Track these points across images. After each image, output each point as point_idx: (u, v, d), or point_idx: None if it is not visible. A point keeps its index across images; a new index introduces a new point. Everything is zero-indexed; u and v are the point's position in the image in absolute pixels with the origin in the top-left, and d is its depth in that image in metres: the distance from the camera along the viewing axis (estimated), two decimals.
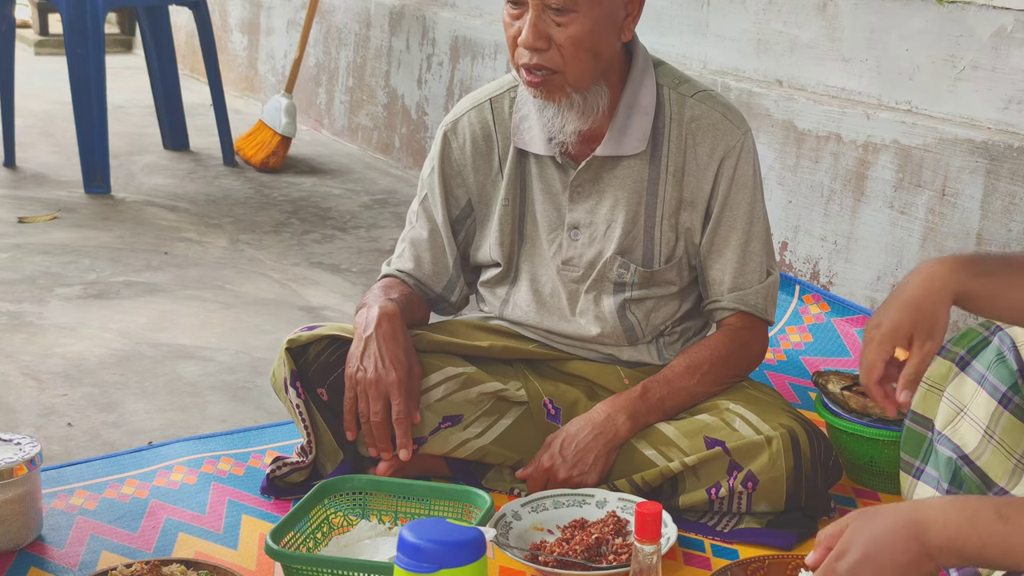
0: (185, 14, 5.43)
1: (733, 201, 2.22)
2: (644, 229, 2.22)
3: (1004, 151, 2.70)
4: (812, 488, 2.07)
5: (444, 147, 2.31)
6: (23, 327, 3.12)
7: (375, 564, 1.83)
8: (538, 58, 2.07)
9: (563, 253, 2.25)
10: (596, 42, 2.08)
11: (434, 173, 2.32)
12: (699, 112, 2.20)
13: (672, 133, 2.20)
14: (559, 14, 2.05)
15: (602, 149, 2.19)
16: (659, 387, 2.20)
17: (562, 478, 2.14)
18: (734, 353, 2.24)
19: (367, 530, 2.00)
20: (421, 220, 2.33)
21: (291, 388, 2.15)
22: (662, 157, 2.20)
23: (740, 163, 2.20)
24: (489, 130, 2.28)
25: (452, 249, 2.32)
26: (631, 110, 2.18)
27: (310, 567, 1.83)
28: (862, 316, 2.91)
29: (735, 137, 2.20)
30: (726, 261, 2.23)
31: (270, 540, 1.84)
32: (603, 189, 2.21)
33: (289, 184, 4.72)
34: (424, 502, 2.04)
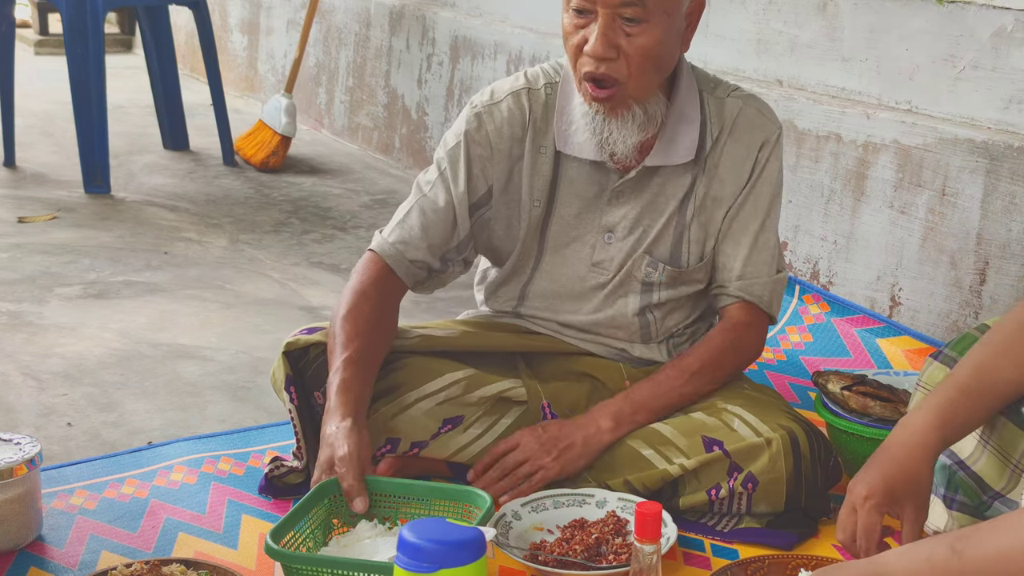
0: (185, 14, 5.43)
1: (759, 190, 2.23)
2: (675, 229, 2.22)
3: (1004, 151, 2.70)
4: (812, 489, 2.07)
5: (477, 126, 2.23)
6: (23, 327, 3.12)
7: (375, 564, 1.83)
8: (605, 67, 2.05)
9: (595, 255, 2.24)
10: (662, 53, 2.08)
11: (459, 148, 2.23)
12: (737, 111, 2.22)
13: (712, 135, 2.21)
14: (630, 24, 2.03)
15: (651, 159, 2.18)
16: (645, 388, 2.19)
17: (531, 448, 2.13)
18: (727, 354, 2.23)
19: (367, 530, 1.99)
20: (438, 191, 2.24)
21: (285, 393, 2.15)
22: (702, 160, 2.21)
23: (772, 156, 2.23)
24: (524, 121, 2.23)
25: (465, 226, 2.24)
26: (679, 120, 2.18)
27: (310, 567, 1.83)
28: (862, 316, 2.91)
29: (771, 131, 2.23)
30: (739, 247, 2.23)
31: (270, 540, 1.83)
32: (644, 194, 2.21)
33: (289, 184, 4.72)
34: (424, 502, 2.03)
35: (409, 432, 2.15)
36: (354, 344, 2.09)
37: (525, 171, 2.24)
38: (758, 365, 2.84)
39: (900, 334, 2.82)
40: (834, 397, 2.29)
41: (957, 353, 2.00)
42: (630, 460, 2.13)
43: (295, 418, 2.15)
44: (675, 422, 2.15)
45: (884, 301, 3.00)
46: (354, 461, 1.96)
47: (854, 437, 2.25)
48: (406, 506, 2.03)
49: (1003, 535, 1.38)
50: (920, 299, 2.91)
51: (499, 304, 2.35)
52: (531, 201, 2.25)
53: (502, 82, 2.29)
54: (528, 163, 2.24)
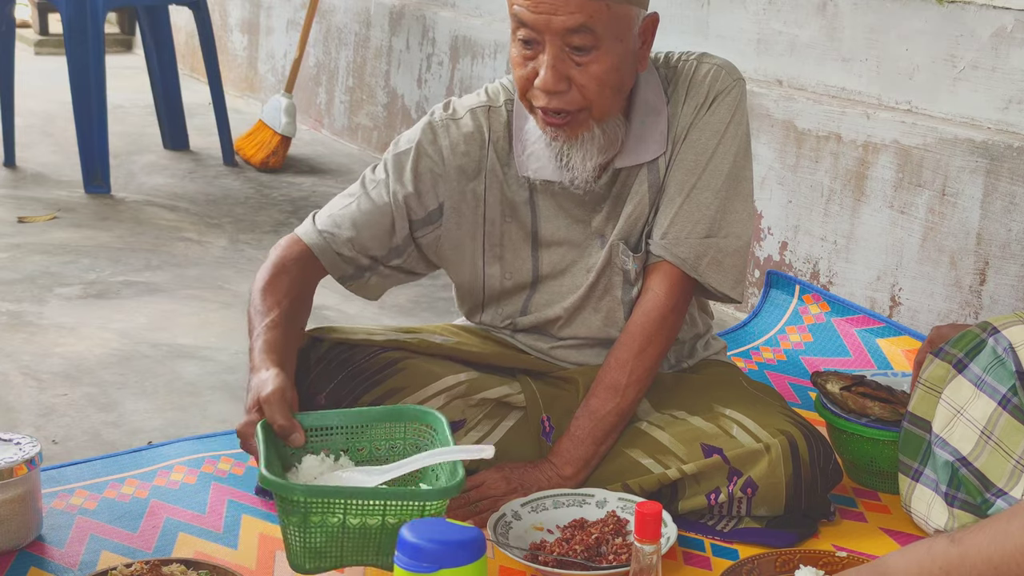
0: (185, 14, 5.43)
1: (697, 140, 2.11)
2: (650, 208, 2.15)
3: (1004, 151, 2.70)
4: (811, 493, 2.07)
5: (432, 139, 2.17)
6: (23, 327, 3.12)
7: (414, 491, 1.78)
8: (557, 101, 1.97)
9: (590, 260, 2.19)
10: (618, 78, 2.00)
11: (409, 156, 2.16)
12: (691, 69, 2.12)
13: (674, 107, 2.12)
14: (580, 53, 1.95)
15: (621, 160, 2.12)
16: (583, 423, 2.12)
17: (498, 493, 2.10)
18: (649, 340, 2.12)
19: (315, 466, 1.88)
20: (380, 194, 2.17)
21: None
22: (669, 140, 2.13)
23: (720, 105, 2.11)
24: (483, 140, 2.16)
25: (402, 233, 2.17)
26: (644, 115, 2.11)
27: (319, 499, 1.74)
28: (862, 316, 2.91)
29: (725, 83, 2.12)
30: (671, 203, 2.11)
31: (267, 474, 1.75)
32: (622, 193, 2.16)
33: (289, 184, 4.72)
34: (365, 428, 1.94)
35: None
36: (275, 311, 2.03)
37: (488, 189, 2.17)
38: (758, 365, 2.84)
39: (900, 334, 2.82)
40: (833, 397, 2.29)
41: (958, 351, 2.00)
42: (628, 468, 2.13)
43: None
44: (674, 430, 2.12)
45: (884, 301, 3.00)
46: (280, 398, 1.85)
47: (854, 437, 2.25)
48: (349, 436, 1.93)
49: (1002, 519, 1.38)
50: (920, 299, 2.91)
51: (494, 319, 2.30)
52: (501, 217, 2.18)
53: (464, 98, 2.22)
54: (491, 181, 2.17)
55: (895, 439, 2.17)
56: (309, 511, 1.74)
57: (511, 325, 2.29)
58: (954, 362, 1.99)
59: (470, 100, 2.21)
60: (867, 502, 2.24)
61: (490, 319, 2.31)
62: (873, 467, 2.25)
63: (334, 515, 1.75)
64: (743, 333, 3.00)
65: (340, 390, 2.13)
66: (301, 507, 1.74)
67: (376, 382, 2.14)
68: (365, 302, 3.05)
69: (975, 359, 1.96)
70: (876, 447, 2.23)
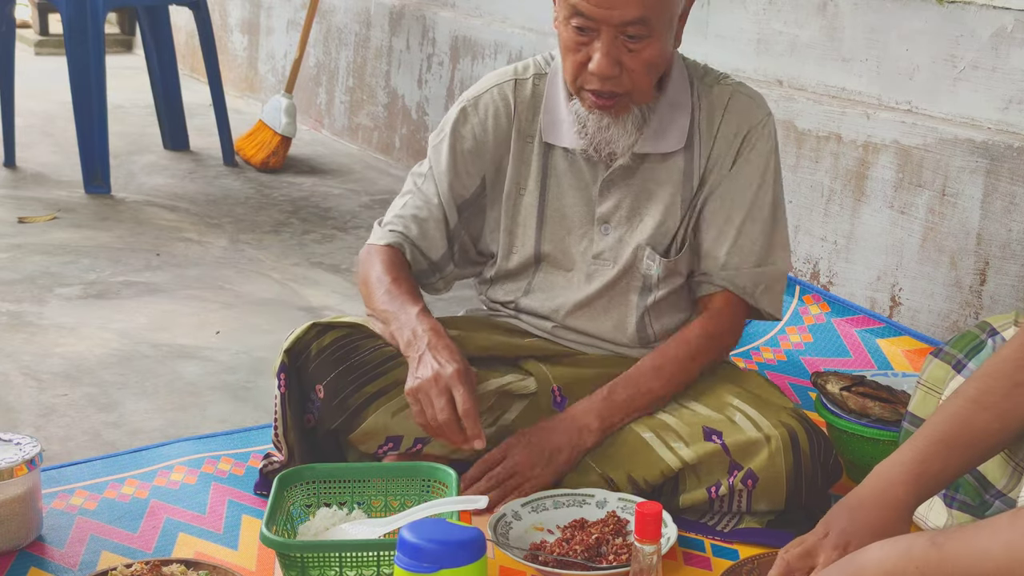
0: (185, 14, 5.43)
1: (741, 174, 2.21)
2: (678, 221, 2.22)
3: (1004, 151, 2.70)
4: (812, 487, 2.07)
5: (461, 122, 2.28)
6: (23, 327, 3.12)
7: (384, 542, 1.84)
8: (610, 85, 2.06)
9: (594, 247, 2.24)
10: (664, 60, 2.10)
11: (444, 145, 2.28)
12: (726, 97, 2.21)
13: (703, 123, 2.21)
14: (633, 40, 2.04)
15: (641, 146, 2.18)
16: (625, 388, 2.19)
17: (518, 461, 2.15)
18: (703, 348, 2.23)
19: (327, 518, 1.98)
20: (428, 185, 2.29)
21: (275, 379, 2.13)
22: (695, 148, 2.21)
23: (758, 141, 2.21)
24: (510, 111, 2.26)
25: (453, 224, 2.29)
26: (669, 108, 2.19)
27: (315, 553, 1.82)
28: (862, 316, 2.91)
29: (759, 117, 2.22)
30: (723, 236, 2.22)
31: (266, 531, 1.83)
32: (635, 182, 2.21)
33: (289, 184, 4.72)
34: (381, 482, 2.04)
35: (412, 429, 2.15)
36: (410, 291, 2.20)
37: (511, 160, 2.26)
38: (758, 365, 2.84)
39: (900, 334, 2.82)
40: (833, 398, 2.29)
41: (958, 351, 2.00)
42: (631, 444, 2.14)
43: (278, 406, 2.13)
44: (679, 414, 2.16)
45: (884, 301, 3.00)
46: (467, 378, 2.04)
47: (854, 437, 2.25)
48: (362, 489, 2.04)
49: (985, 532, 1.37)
50: (920, 299, 2.91)
51: (500, 295, 2.34)
52: (516, 190, 2.27)
53: (492, 74, 2.32)
54: (515, 152, 2.26)
55: (895, 439, 2.17)
56: (307, 565, 1.82)
57: (515, 305, 2.32)
58: (953, 363, 1.99)
59: (496, 75, 2.31)
60: None
61: (497, 295, 2.35)
62: (873, 467, 2.25)
63: (331, 568, 1.82)
64: (743, 333, 2.99)
65: (340, 381, 2.13)
66: (298, 562, 1.82)
67: (378, 374, 2.15)
68: None
69: (974, 359, 1.96)
70: (876, 447, 2.23)
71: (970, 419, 1.67)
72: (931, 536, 1.42)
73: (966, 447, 1.67)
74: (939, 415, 1.70)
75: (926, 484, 1.68)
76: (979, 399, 1.67)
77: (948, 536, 1.41)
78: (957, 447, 1.67)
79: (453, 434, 2.05)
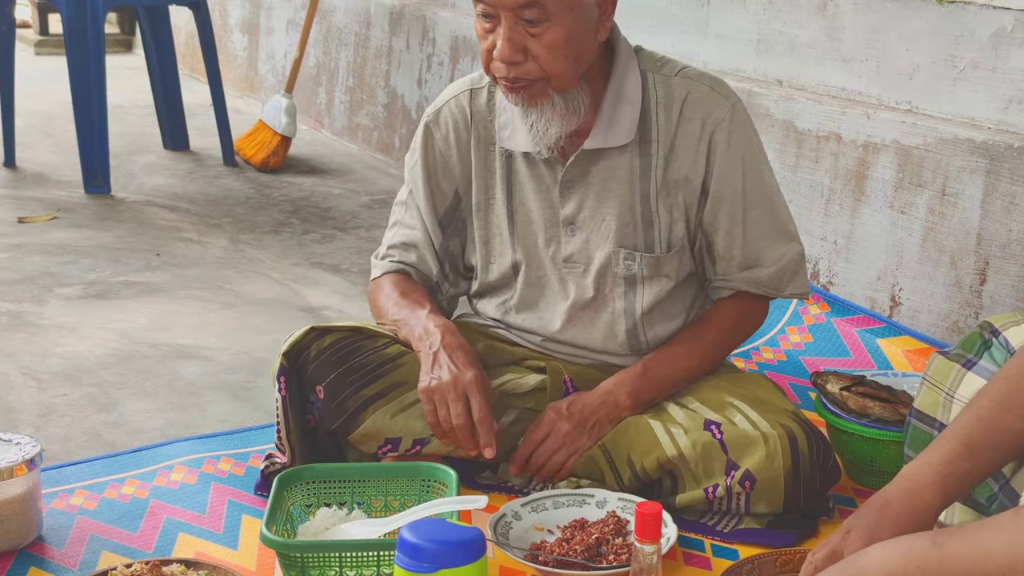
0: (185, 14, 5.43)
1: (729, 172, 2.19)
2: (642, 217, 2.20)
3: (1004, 151, 2.70)
4: (810, 490, 2.07)
5: (427, 138, 2.29)
6: (23, 327, 3.12)
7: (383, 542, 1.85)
8: (515, 71, 2.05)
9: (563, 250, 2.23)
10: (574, 47, 2.06)
11: (417, 167, 2.30)
12: (686, 89, 2.18)
13: (660, 116, 2.18)
14: (532, 25, 2.02)
15: (590, 143, 2.17)
16: (660, 366, 2.22)
17: (564, 431, 2.17)
18: (735, 334, 2.28)
19: (327, 518, 1.99)
20: (411, 211, 2.33)
21: (275, 382, 2.14)
22: (652, 142, 2.18)
23: (732, 133, 2.18)
24: (467, 122, 2.27)
25: (439, 243, 2.31)
26: (617, 102, 2.17)
27: (315, 553, 1.82)
28: (862, 316, 2.91)
29: (724, 108, 2.18)
30: (732, 236, 2.22)
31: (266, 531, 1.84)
32: (593, 182, 2.20)
33: (289, 184, 4.72)
34: (380, 482, 2.05)
35: (410, 431, 2.15)
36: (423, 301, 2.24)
37: (475, 171, 2.27)
38: (758, 365, 2.84)
39: (900, 334, 2.82)
40: (833, 397, 2.29)
41: (965, 351, 2.00)
42: (634, 425, 2.17)
43: (279, 409, 2.13)
44: (682, 411, 2.18)
45: (884, 301, 3.00)
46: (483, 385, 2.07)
47: (854, 437, 2.25)
48: (362, 488, 2.05)
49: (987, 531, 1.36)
50: (920, 299, 2.91)
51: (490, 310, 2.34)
52: (486, 200, 2.27)
53: (451, 85, 2.33)
54: (477, 162, 2.27)
55: (895, 439, 2.17)
56: (307, 565, 1.82)
57: (504, 324, 2.32)
58: (963, 362, 1.99)
59: (454, 87, 2.31)
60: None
61: (487, 310, 2.35)
62: (873, 467, 2.25)
63: (331, 568, 1.83)
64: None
65: (339, 382, 2.13)
66: (299, 562, 1.82)
67: (377, 376, 2.15)
68: (365, 302, 3.06)
69: (984, 356, 1.96)
70: (876, 447, 2.23)
71: (995, 420, 1.66)
72: (932, 536, 1.42)
73: (992, 448, 1.67)
74: (964, 417, 1.69)
75: (954, 485, 1.67)
76: (1004, 400, 1.66)
77: (949, 535, 1.40)
78: (983, 449, 1.67)
79: (465, 440, 2.07)
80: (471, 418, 2.06)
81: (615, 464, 2.16)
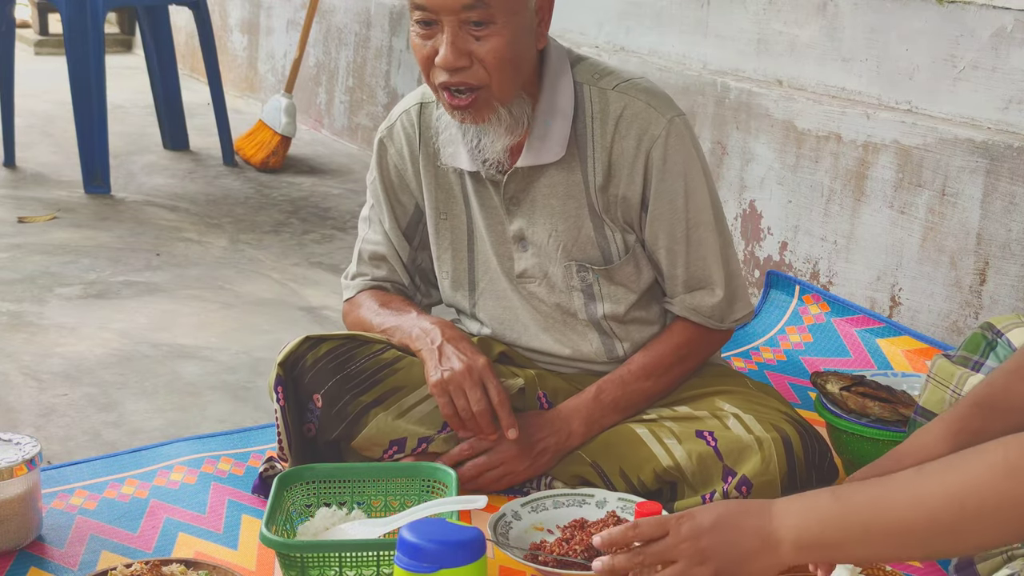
0: (185, 14, 5.43)
1: (668, 190, 2.11)
2: (594, 230, 2.16)
3: (1004, 151, 2.70)
4: (807, 490, 2.06)
5: (381, 154, 2.29)
6: (23, 327, 3.12)
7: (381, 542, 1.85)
8: (460, 76, 1.98)
9: (516, 266, 2.21)
10: (517, 52, 2.01)
11: (376, 182, 2.30)
12: (621, 104, 2.09)
13: (596, 131, 2.11)
14: (478, 27, 1.96)
15: (523, 160, 2.12)
16: (613, 389, 2.19)
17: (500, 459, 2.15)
18: (693, 352, 2.22)
19: (327, 518, 1.99)
20: (375, 227, 2.32)
21: (273, 392, 2.14)
22: (588, 158, 2.12)
23: (669, 150, 2.09)
24: (415, 137, 2.24)
25: (407, 255, 2.31)
26: (549, 116, 2.10)
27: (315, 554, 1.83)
28: (862, 316, 2.91)
29: (660, 125, 2.09)
30: (673, 254, 2.15)
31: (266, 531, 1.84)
32: (537, 197, 2.16)
33: (289, 184, 4.72)
34: (379, 482, 2.05)
35: (414, 430, 2.16)
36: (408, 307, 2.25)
37: (426, 186, 2.25)
38: (758, 365, 2.84)
39: (900, 334, 2.82)
40: (833, 397, 2.29)
41: (969, 352, 2.01)
42: (623, 436, 2.14)
43: (279, 419, 2.13)
44: (672, 416, 2.15)
45: (884, 301, 3.00)
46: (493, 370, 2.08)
47: (854, 437, 2.25)
48: (362, 488, 2.05)
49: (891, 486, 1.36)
50: (920, 299, 2.91)
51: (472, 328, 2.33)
52: (437, 215, 2.25)
53: (404, 99, 2.31)
54: (427, 179, 2.24)
55: (895, 439, 2.17)
56: (306, 565, 1.82)
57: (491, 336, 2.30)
58: (970, 364, 1.99)
59: (405, 101, 2.29)
60: None
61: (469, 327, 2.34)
62: None
63: (331, 568, 1.83)
64: (743, 333, 2.99)
65: (337, 390, 2.14)
66: (298, 562, 1.82)
67: (375, 382, 2.15)
68: None
69: (990, 356, 1.97)
70: (876, 447, 2.22)
71: (1009, 386, 1.70)
72: (833, 490, 1.42)
73: (1005, 412, 1.70)
74: (980, 385, 1.73)
75: (965, 441, 1.67)
76: (1016, 370, 1.70)
77: (851, 488, 1.41)
78: (996, 411, 1.70)
79: (486, 425, 2.08)
80: (490, 403, 2.06)
81: (608, 477, 2.15)
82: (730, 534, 1.41)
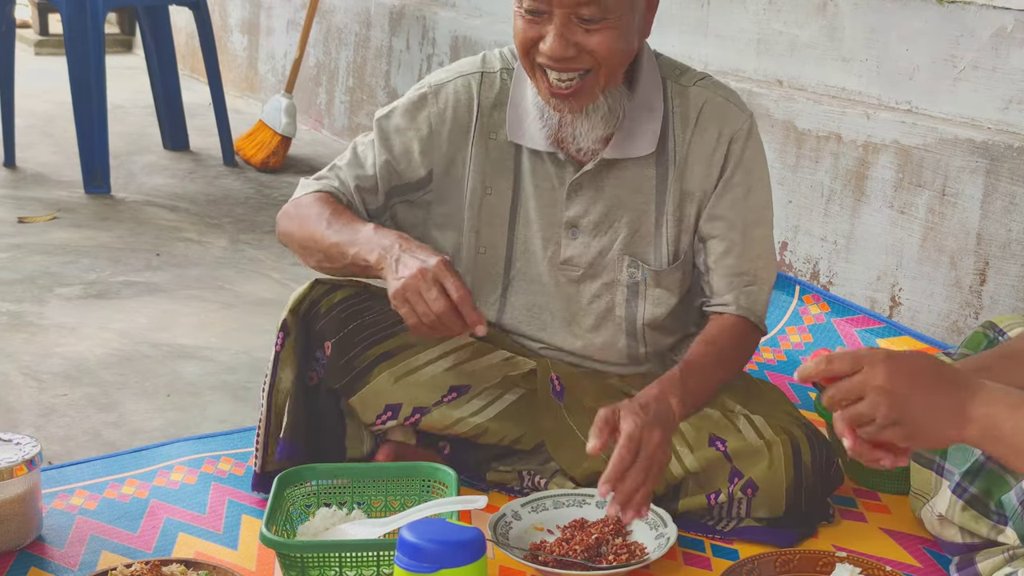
0: (185, 14, 5.43)
1: (740, 183, 2.13)
2: (654, 228, 2.15)
3: (1004, 151, 2.70)
4: (812, 495, 2.06)
5: (419, 106, 2.17)
6: (23, 327, 3.12)
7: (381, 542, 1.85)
8: (565, 63, 1.97)
9: (562, 252, 2.17)
10: (627, 44, 2.00)
11: (391, 123, 2.17)
12: (702, 100, 2.12)
13: (677, 126, 2.12)
14: (588, 23, 1.95)
15: (610, 152, 2.10)
16: (695, 377, 2.04)
17: (656, 441, 1.87)
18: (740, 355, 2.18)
19: (327, 518, 1.99)
20: (367, 151, 2.17)
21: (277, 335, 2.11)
22: (668, 151, 2.12)
23: (748, 146, 2.13)
24: (472, 106, 2.17)
25: (375, 207, 2.17)
26: (643, 109, 2.10)
27: (315, 554, 1.83)
28: (862, 316, 2.91)
29: (741, 120, 2.13)
30: (730, 243, 2.14)
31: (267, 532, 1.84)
32: (603, 187, 2.13)
33: (289, 184, 4.72)
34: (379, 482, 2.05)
35: (412, 397, 2.13)
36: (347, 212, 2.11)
37: (473, 158, 2.17)
38: (758, 365, 2.84)
39: (900, 334, 2.82)
40: None
41: (971, 351, 2.01)
42: None
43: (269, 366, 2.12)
44: (687, 425, 2.11)
45: (884, 301, 3.00)
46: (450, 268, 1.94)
47: None
48: (362, 488, 2.05)
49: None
50: (920, 299, 2.91)
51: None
52: (483, 189, 2.17)
53: (459, 63, 2.22)
54: (477, 151, 2.17)
55: None
56: (307, 565, 1.82)
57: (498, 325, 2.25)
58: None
59: (462, 65, 2.21)
60: (867, 502, 2.24)
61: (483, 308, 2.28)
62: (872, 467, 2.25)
63: (331, 568, 1.83)
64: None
65: (349, 339, 2.11)
66: (298, 562, 1.82)
67: (387, 336, 2.12)
68: None
69: None
70: None
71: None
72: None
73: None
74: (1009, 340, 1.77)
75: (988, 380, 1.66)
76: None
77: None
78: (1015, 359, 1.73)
79: (453, 323, 1.94)
80: (451, 301, 1.93)
81: None
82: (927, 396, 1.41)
